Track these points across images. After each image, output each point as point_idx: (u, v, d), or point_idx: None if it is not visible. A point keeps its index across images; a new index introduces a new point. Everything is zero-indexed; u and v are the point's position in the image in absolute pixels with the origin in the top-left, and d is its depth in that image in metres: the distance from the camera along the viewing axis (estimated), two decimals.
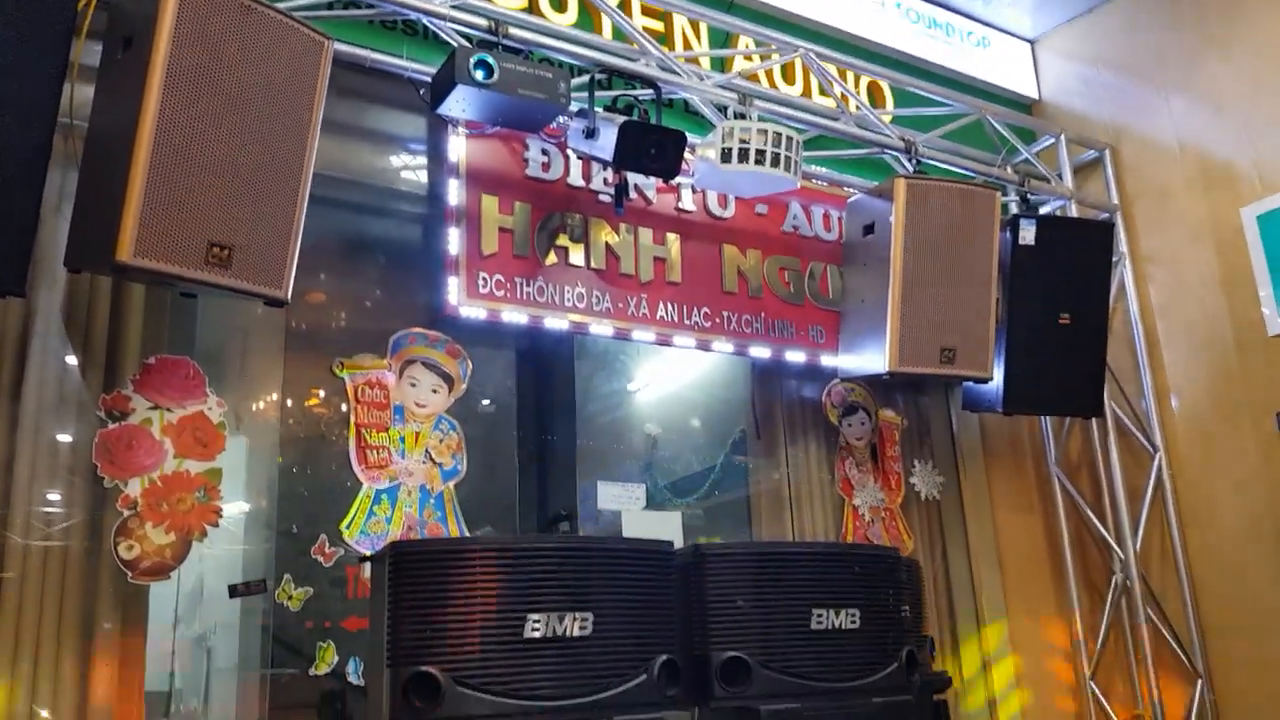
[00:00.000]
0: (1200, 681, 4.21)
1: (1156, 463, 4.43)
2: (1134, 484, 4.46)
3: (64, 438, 2.70)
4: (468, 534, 3.26)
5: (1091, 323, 4.14)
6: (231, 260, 2.52)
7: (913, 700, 2.77)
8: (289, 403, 3.21)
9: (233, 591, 2.89)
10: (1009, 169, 4.47)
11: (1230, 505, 4.21)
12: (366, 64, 3.21)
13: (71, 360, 2.74)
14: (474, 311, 3.29)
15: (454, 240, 3.30)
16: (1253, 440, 4.13)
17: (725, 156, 3.30)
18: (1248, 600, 4.12)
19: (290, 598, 2.96)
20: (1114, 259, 4.39)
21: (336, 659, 2.98)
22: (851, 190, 4.17)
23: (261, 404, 3.12)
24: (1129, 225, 4.69)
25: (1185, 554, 4.34)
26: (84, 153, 2.56)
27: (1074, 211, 4.62)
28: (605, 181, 3.61)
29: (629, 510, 3.66)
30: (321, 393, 3.25)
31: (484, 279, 3.32)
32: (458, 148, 3.39)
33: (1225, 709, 4.18)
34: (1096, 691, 4.33)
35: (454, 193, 3.34)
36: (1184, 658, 4.26)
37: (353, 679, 2.98)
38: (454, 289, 3.26)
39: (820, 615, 2.67)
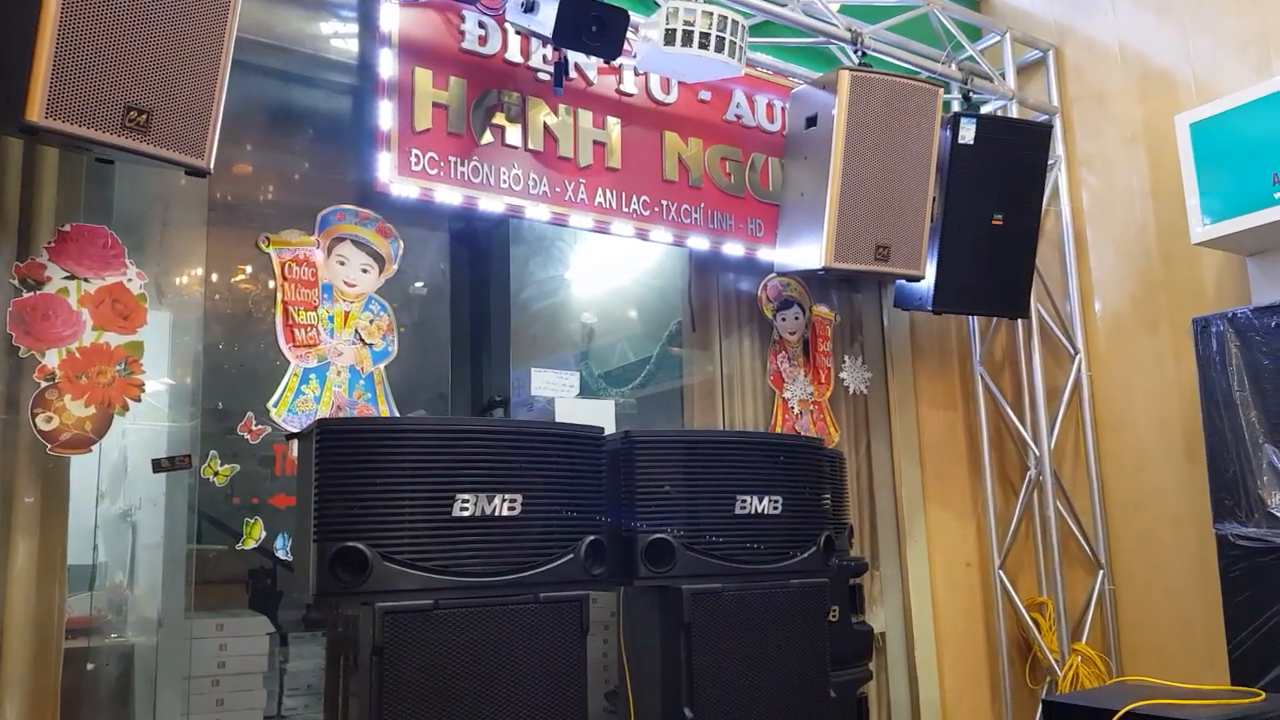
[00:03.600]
0: (1101, 573, 4.43)
1: (1076, 364, 4.56)
2: (1053, 384, 4.60)
3: None
4: (398, 416, 3.25)
5: (1023, 225, 4.19)
6: (150, 125, 2.42)
7: (829, 583, 2.87)
8: (214, 277, 3.13)
9: (156, 466, 2.86)
10: (953, 66, 4.45)
11: (1144, 408, 4.37)
12: None
13: None
14: (406, 190, 3.21)
15: (386, 114, 3.19)
16: (1170, 346, 4.26)
17: (669, 38, 3.22)
18: (1152, 499, 4.32)
19: (216, 474, 2.94)
20: (1050, 162, 4.43)
21: (264, 535, 2.98)
22: (796, 80, 4.11)
23: (186, 278, 3.03)
24: (1066, 128, 4.72)
25: (1097, 453, 4.52)
26: None
27: (1014, 112, 4.63)
28: (545, 59, 3.51)
29: (562, 398, 3.67)
30: (248, 269, 3.17)
31: (416, 156, 3.23)
32: (390, 16, 3.25)
33: (1123, 599, 4.41)
34: (1004, 579, 4.54)
35: (386, 64, 3.22)
36: (1088, 550, 4.48)
37: (281, 554, 3.00)
38: (385, 165, 3.17)
39: (744, 501, 2.75)
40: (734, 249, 3.96)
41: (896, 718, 4.26)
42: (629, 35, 3.26)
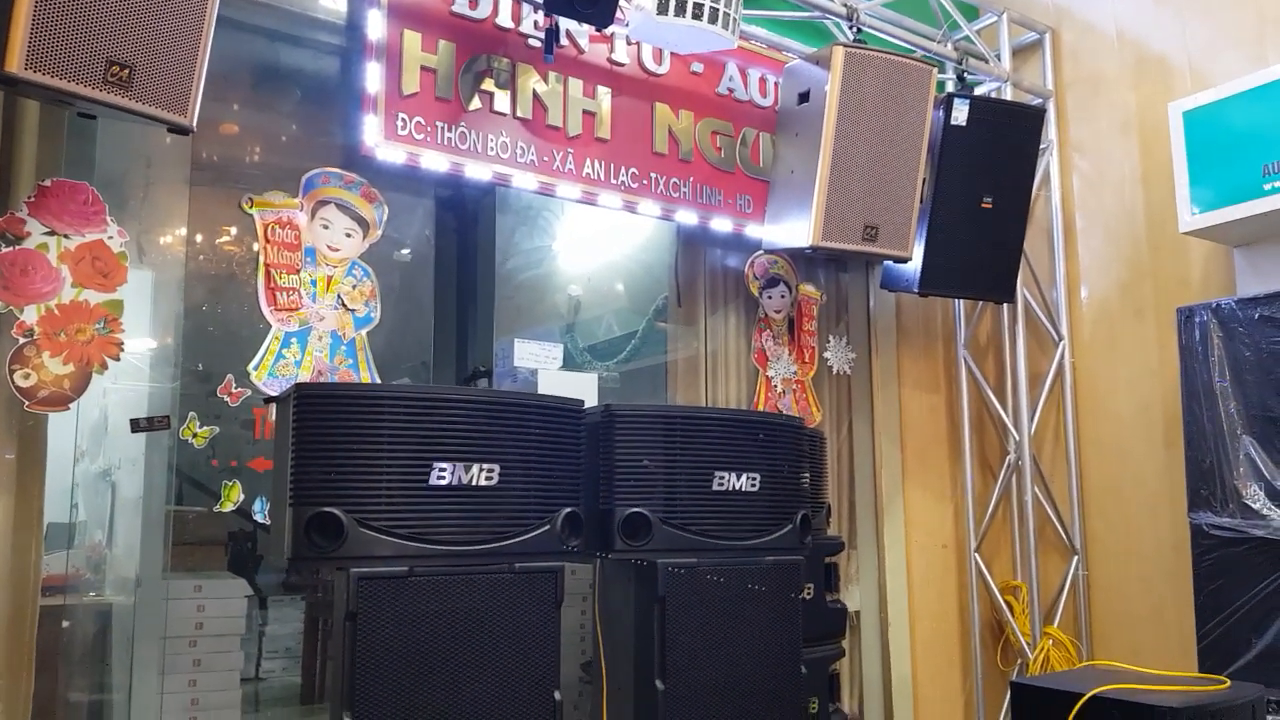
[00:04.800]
0: (1076, 558, 4.47)
1: (1060, 351, 4.58)
2: (1037, 370, 4.61)
3: None
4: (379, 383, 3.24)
5: (1013, 209, 4.19)
6: (132, 81, 2.39)
7: (803, 561, 2.89)
8: (197, 238, 3.10)
9: (135, 425, 2.85)
10: (949, 45, 4.42)
11: (1125, 396, 4.39)
12: None
13: None
14: (392, 154, 3.18)
15: (373, 77, 3.16)
16: (1154, 334, 4.27)
17: (662, 7, 3.19)
18: (1130, 488, 4.35)
19: (195, 435, 2.93)
20: (1042, 146, 4.42)
21: (242, 497, 2.97)
22: (790, 55, 4.09)
23: (168, 238, 3.01)
24: (1060, 112, 4.70)
25: (1077, 439, 4.54)
26: None
27: (1009, 94, 4.61)
28: (536, 25, 3.48)
29: (545, 370, 3.66)
30: (232, 230, 3.15)
31: (403, 120, 3.20)
32: None
33: (1096, 585, 4.46)
34: (979, 561, 4.58)
35: (374, 25, 3.18)
36: (1064, 535, 4.51)
37: (259, 517, 2.99)
38: (371, 129, 3.14)
39: (722, 478, 2.75)
40: (722, 225, 3.94)
41: (868, 695, 4.31)
42: (622, 3, 3.23)
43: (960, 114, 4.01)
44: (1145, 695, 2.66)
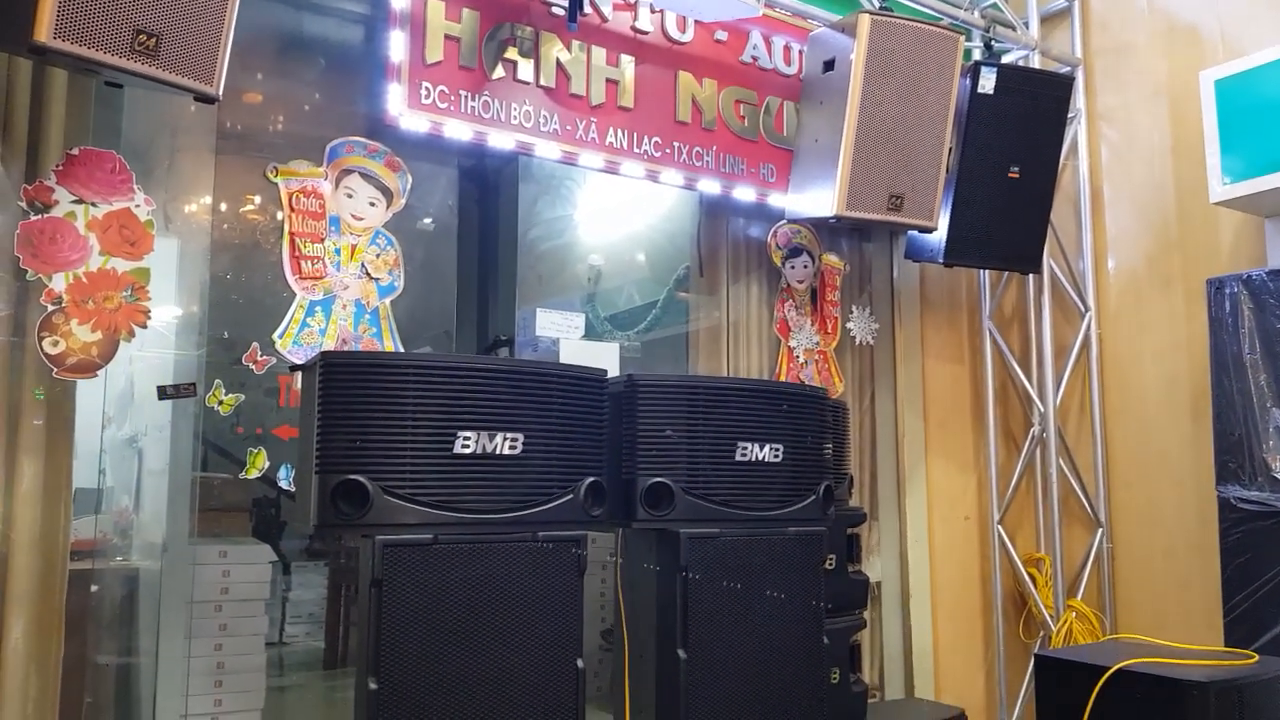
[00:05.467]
0: (1100, 530, 4.45)
1: (1086, 322, 4.54)
2: (1062, 341, 4.58)
3: None
4: (403, 351, 3.25)
5: (1040, 179, 4.14)
6: (159, 49, 2.39)
7: (826, 532, 2.89)
8: (222, 206, 3.11)
9: (162, 393, 2.87)
10: (976, 13, 4.35)
11: (1152, 368, 4.35)
12: None
13: None
14: (415, 123, 3.17)
15: (397, 45, 3.14)
16: (1182, 306, 4.23)
17: None
18: (1154, 459, 4.32)
19: (221, 403, 2.95)
20: (1070, 115, 4.36)
21: (267, 464, 3.00)
22: (815, 23, 4.04)
23: (194, 206, 3.02)
24: (1089, 81, 4.63)
25: (1103, 411, 4.51)
26: None
27: (1036, 63, 4.55)
28: None
29: (567, 339, 3.66)
30: (256, 199, 3.15)
31: (427, 89, 3.19)
32: None
33: (1120, 557, 4.44)
34: (1002, 533, 4.57)
35: None
36: (1088, 507, 4.49)
37: (284, 484, 3.02)
38: (395, 98, 3.13)
39: (745, 448, 2.75)
40: (745, 194, 3.92)
41: (889, 667, 4.32)
42: None
43: (987, 82, 3.95)
44: (1172, 669, 2.65)
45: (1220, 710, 2.57)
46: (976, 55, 4.33)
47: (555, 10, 3.47)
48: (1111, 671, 2.67)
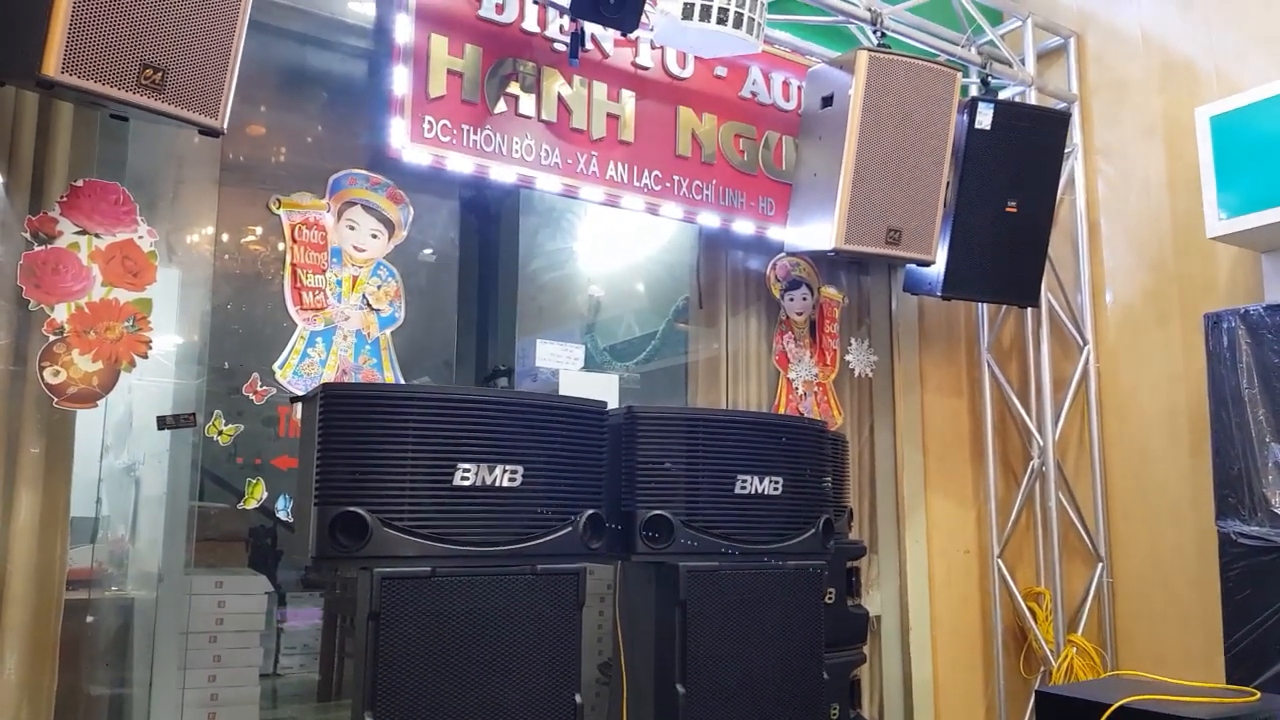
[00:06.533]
0: (1100, 565, 4.44)
1: (1084, 355, 4.55)
2: (1061, 375, 4.59)
3: None
4: (403, 382, 3.26)
5: (1037, 213, 4.17)
6: (165, 84, 2.42)
7: (825, 565, 2.88)
8: (224, 237, 3.13)
9: (161, 423, 2.87)
10: (973, 50, 4.40)
11: (1150, 401, 4.36)
12: None
13: None
14: (418, 156, 3.20)
15: (400, 80, 3.18)
16: (1180, 340, 4.24)
17: (687, 12, 3.19)
18: (1154, 493, 4.32)
19: (220, 433, 2.95)
20: (1067, 150, 4.39)
21: (265, 495, 2.99)
22: (813, 59, 4.08)
23: (196, 237, 3.03)
24: (1085, 117, 4.68)
25: (1101, 444, 4.51)
26: None
27: (1033, 99, 4.59)
28: (561, 30, 3.49)
29: (566, 370, 3.67)
30: (259, 230, 3.17)
31: (430, 123, 3.22)
32: None
33: (1121, 592, 4.42)
34: (1002, 567, 4.55)
35: (402, 29, 3.20)
36: (1088, 542, 4.48)
37: (282, 515, 3.01)
38: (398, 131, 3.16)
39: (745, 481, 2.75)
40: (744, 227, 3.94)
41: (889, 702, 4.29)
42: (647, 8, 3.23)
43: (984, 118, 3.99)
44: (1174, 707, 2.63)
45: None
46: (974, 91, 4.38)
47: (557, 46, 3.50)
48: (1113, 709, 2.66)
